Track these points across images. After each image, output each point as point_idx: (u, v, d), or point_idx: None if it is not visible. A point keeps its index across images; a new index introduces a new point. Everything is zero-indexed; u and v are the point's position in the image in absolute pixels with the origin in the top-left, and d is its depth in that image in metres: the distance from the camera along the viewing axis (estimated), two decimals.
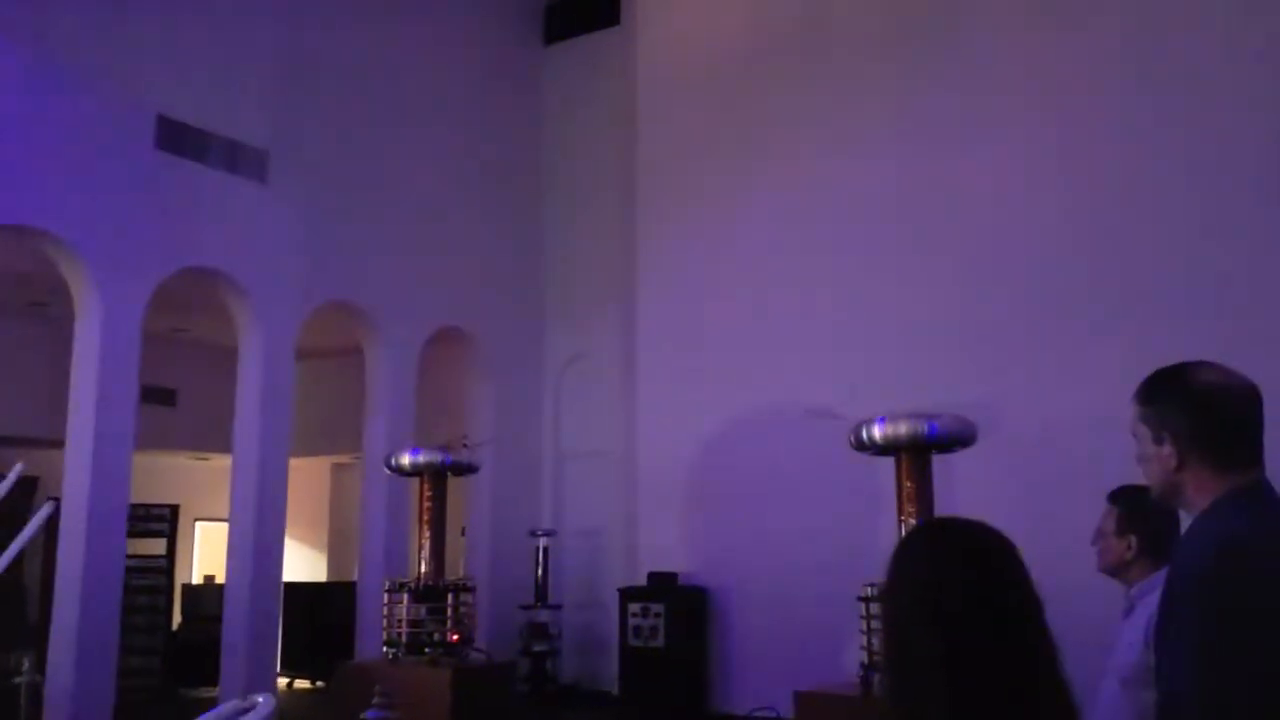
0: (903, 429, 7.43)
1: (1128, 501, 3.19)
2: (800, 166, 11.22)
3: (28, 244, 9.11)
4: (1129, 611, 3.12)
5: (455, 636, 8.88)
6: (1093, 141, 9.73)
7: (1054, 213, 9.82)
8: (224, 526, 10.55)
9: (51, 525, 11.05)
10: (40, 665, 7.76)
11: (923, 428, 7.40)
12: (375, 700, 7.43)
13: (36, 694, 7.22)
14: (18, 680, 6.77)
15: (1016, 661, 1.71)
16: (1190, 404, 2.16)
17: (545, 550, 12.02)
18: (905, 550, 1.93)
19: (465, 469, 9.65)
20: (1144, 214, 9.39)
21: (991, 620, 1.72)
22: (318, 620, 13.16)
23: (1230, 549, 2.01)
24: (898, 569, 1.86)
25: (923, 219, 10.41)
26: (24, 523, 4.01)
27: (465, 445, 9.91)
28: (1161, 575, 2.42)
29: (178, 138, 9.71)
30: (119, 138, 9.32)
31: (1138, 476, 2.33)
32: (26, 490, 12.85)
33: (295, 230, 10.58)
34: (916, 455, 7.52)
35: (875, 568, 7.68)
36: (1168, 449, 2.16)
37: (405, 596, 8.93)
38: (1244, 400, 2.16)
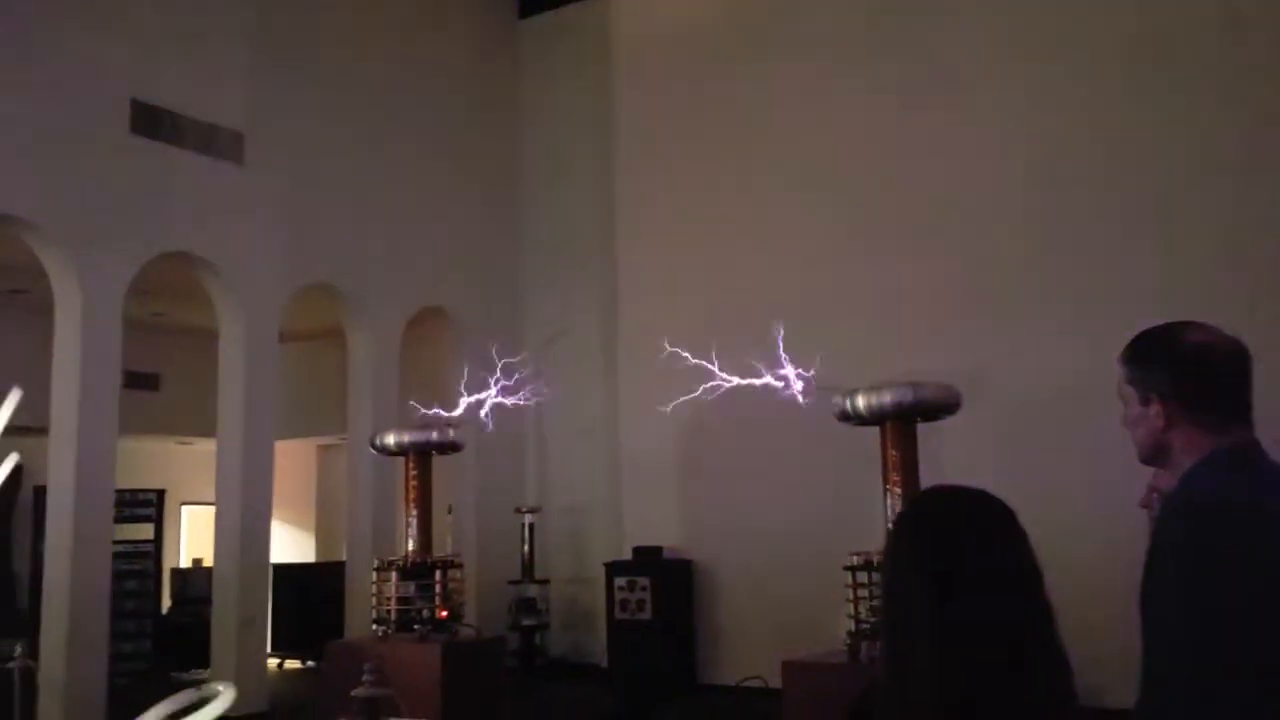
0: (887, 398, 7.43)
1: None
2: (778, 135, 11.22)
3: (5, 231, 9.05)
4: None
5: (444, 613, 8.89)
6: (1068, 110, 9.75)
7: (1034, 179, 9.86)
8: (211, 510, 10.55)
9: (39, 512, 11.02)
10: (33, 651, 7.76)
11: (907, 396, 7.41)
12: (365, 678, 7.46)
13: (30, 679, 7.23)
14: (10, 665, 6.78)
15: (1013, 629, 1.71)
16: (1177, 364, 2.12)
17: (531, 527, 12.07)
18: (906, 517, 1.94)
19: (450, 448, 9.65)
20: (1120, 178, 9.43)
21: (991, 587, 1.72)
22: (307, 600, 13.18)
23: (1208, 506, 2.01)
24: (898, 536, 1.87)
25: (904, 187, 10.44)
26: (11, 510, 4.03)
27: (451, 425, 9.90)
28: None
29: (152, 121, 9.65)
30: (92, 122, 9.26)
31: (1126, 439, 2.29)
32: (11, 478, 12.83)
33: (274, 212, 10.54)
34: (901, 424, 7.53)
35: (861, 537, 7.66)
36: (1155, 410, 2.12)
37: (394, 574, 8.94)
38: (1232, 359, 2.12)
